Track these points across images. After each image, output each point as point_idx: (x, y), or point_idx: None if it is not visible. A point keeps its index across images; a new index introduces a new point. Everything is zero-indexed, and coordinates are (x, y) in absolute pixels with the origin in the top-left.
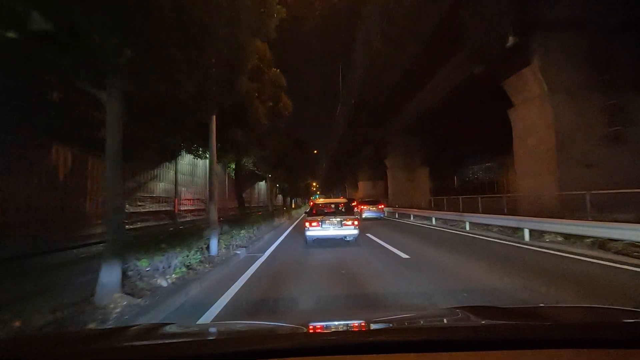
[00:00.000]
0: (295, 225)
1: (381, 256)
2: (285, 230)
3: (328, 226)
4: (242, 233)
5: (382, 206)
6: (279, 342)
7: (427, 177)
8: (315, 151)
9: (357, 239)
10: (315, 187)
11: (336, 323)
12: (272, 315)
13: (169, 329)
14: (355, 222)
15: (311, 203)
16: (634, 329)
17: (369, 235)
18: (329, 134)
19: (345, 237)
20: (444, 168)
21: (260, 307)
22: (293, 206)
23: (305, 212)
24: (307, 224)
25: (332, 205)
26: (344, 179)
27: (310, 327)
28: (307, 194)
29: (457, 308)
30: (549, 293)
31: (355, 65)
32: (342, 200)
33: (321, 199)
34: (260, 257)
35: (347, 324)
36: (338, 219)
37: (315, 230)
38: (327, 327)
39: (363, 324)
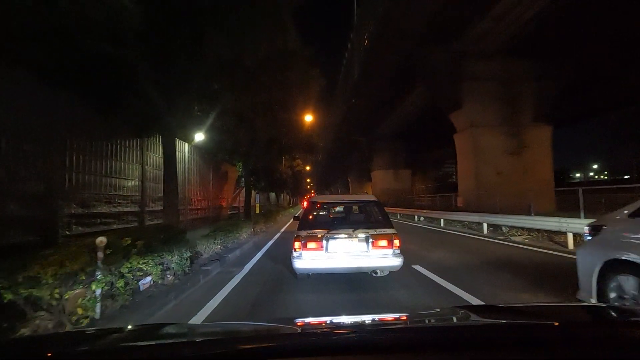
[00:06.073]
0: None
1: None
2: None
3: (340, 249)
4: None
5: None
6: (276, 343)
7: (548, 146)
8: (311, 117)
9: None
10: (309, 184)
11: (335, 322)
12: (269, 316)
13: (167, 329)
14: (396, 242)
15: (305, 203)
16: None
17: None
18: (325, 137)
19: (375, 270)
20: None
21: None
22: (258, 210)
23: (295, 217)
24: (297, 244)
25: (346, 208)
26: (347, 171)
27: (308, 327)
28: (297, 189)
29: (459, 307)
30: None
31: None
32: (364, 197)
33: (323, 197)
34: None
35: (347, 324)
36: (361, 235)
37: (314, 258)
38: (325, 326)
39: (363, 323)
